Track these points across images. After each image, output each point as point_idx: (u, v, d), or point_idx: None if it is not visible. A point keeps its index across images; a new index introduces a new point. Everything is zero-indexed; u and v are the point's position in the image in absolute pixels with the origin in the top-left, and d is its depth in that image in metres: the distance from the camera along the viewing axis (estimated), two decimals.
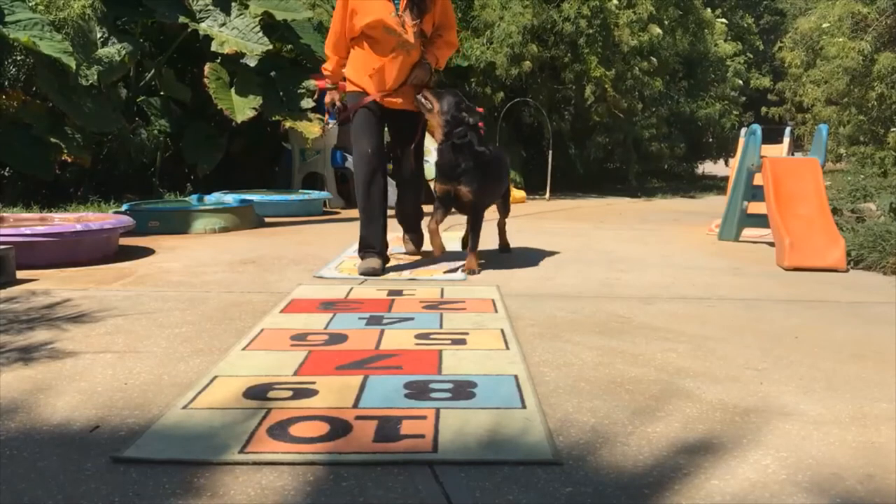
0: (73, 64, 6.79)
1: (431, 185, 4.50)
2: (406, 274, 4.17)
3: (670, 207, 9.93)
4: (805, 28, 14.09)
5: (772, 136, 7.68)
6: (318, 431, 1.87)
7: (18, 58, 7.74)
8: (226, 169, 9.24)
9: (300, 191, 8.51)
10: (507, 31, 10.29)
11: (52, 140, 7.22)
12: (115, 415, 1.99)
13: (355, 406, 2.05)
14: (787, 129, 8.38)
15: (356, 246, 4.34)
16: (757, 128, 6.07)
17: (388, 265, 4.32)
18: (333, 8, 4.41)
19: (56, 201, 7.37)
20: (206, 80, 7.90)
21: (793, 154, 8.40)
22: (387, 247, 4.30)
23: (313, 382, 2.25)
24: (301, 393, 2.16)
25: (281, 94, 8.56)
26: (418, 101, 4.04)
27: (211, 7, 8.19)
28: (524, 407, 2.05)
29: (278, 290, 3.66)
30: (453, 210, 4.27)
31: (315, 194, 8.08)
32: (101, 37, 7.69)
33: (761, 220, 5.60)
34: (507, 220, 5.04)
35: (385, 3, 4.01)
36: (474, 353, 2.58)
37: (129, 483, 1.60)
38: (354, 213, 3.85)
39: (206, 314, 3.18)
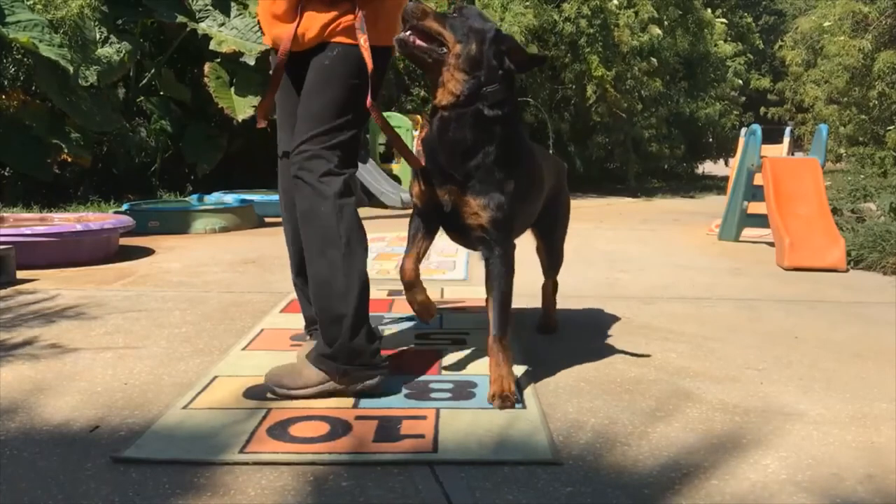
0: (70, 68, 6.81)
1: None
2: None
3: (670, 207, 9.93)
4: (806, 27, 14.10)
5: (772, 136, 7.68)
6: (318, 431, 1.87)
7: (18, 57, 7.75)
8: (226, 169, 9.25)
9: None
10: (509, 33, 10.29)
11: (53, 140, 7.24)
12: (115, 415, 1.99)
13: (355, 406, 2.05)
14: (787, 129, 8.39)
15: None
16: (757, 128, 6.08)
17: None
18: None
19: (56, 201, 7.38)
20: (206, 80, 7.91)
21: (793, 154, 8.41)
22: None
23: None
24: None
25: None
26: (404, 44, 2.08)
27: (210, 7, 8.19)
28: (524, 407, 2.05)
29: (278, 290, 3.66)
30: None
31: None
32: (101, 37, 7.70)
33: (761, 220, 5.60)
34: (556, 274, 2.95)
35: None
36: (474, 353, 2.58)
37: (129, 483, 1.60)
38: None
39: (206, 314, 3.18)
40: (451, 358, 2.52)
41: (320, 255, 2.08)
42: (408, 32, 2.07)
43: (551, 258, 2.86)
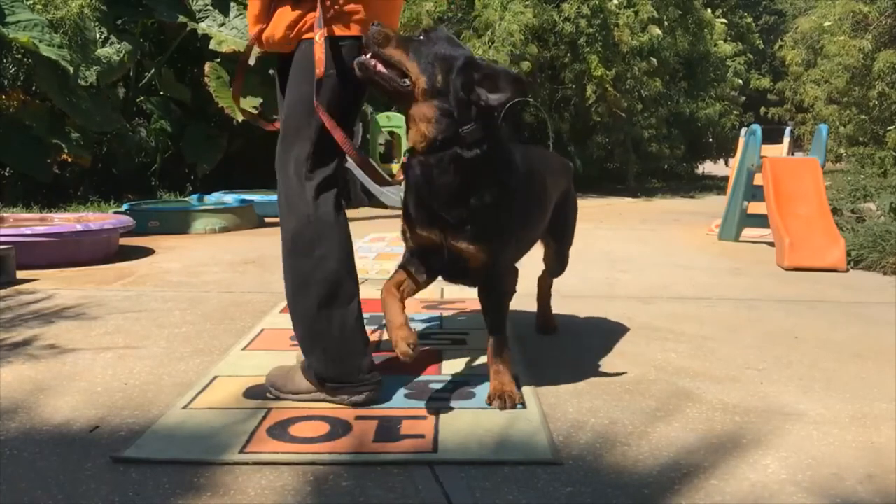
0: (70, 69, 6.82)
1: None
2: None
3: (670, 207, 9.93)
4: (806, 27, 14.12)
5: (772, 136, 7.69)
6: (318, 431, 1.87)
7: (18, 57, 7.75)
8: (226, 169, 9.25)
9: None
10: (508, 30, 10.30)
11: (53, 140, 7.24)
12: (115, 415, 1.99)
13: (355, 406, 2.05)
14: (787, 129, 8.39)
15: (359, 244, 3.76)
16: (757, 128, 6.08)
17: None
18: None
19: (56, 201, 7.38)
20: (206, 79, 7.91)
21: (793, 154, 8.41)
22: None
23: None
24: None
25: None
26: (365, 69, 1.90)
27: (210, 7, 8.19)
28: (524, 407, 2.05)
29: (278, 290, 3.64)
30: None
31: None
32: (101, 37, 7.70)
33: (761, 220, 5.60)
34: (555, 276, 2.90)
35: None
36: (474, 354, 2.58)
37: (129, 483, 1.60)
38: (355, 212, 3.65)
39: (206, 314, 3.18)
40: (451, 358, 2.52)
41: (289, 265, 2.05)
42: (369, 55, 1.90)
43: (558, 263, 2.81)
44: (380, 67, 1.88)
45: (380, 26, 1.90)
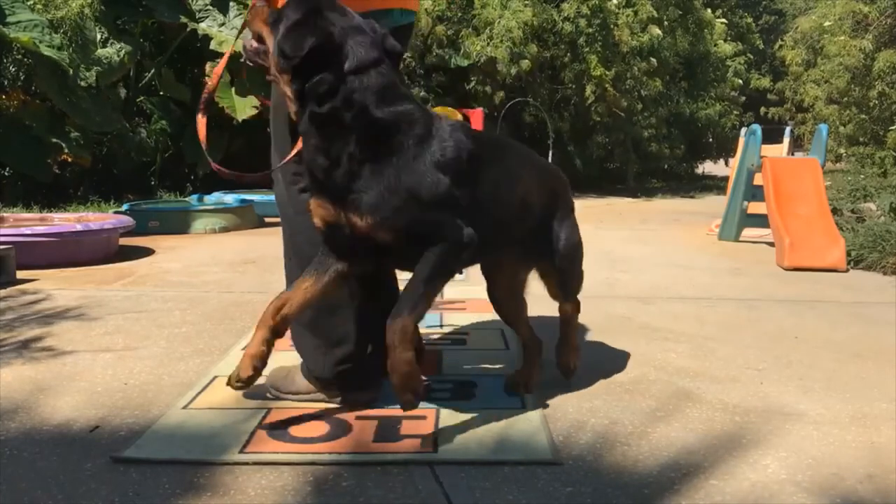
0: (70, 69, 6.82)
1: None
2: (406, 274, 4.16)
3: (670, 207, 9.93)
4: (806, 27, 14.13)
5: (772, 136, 7.69)
6: (318, 431, 1.87)
7: (18, 57, 7.75)
8: (226, 169, 9.25)
9: None
10: (507, 27, 10.32)
11: (52, 140, 7.24)
12: (115, 415, 1.99)
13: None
14: (787, 129, 8.39)
15: None
16: (757, 128, 6.08)
17: None
18: None
19: (56, 201, 7.39)
20: (206, 79, 7.91)
21: (793, 154, 8.41)
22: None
23: None
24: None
25: None
26: (244, 50, 1.80)
27: (210, 7, 8.19)
28: (524, 407, 2.05)
29: (278, 290, 3.64)
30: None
31: None
32: (101, 37, 7.70)
33: (761, 220, 5.60)
34: (573, 305, 2.31)
35: None
36: (474, 353, 2.58)
37: (129, 483, 1.60)
38: None
39: (206, 314, 3.18)
40: (451, 358, 2.52)
41: (287, 270, 2.22)
42: (249, 36, 1.77)
43: (560, 291, 2.26)
44: (254, 44, 1.76)
45: (261, 4, 1.78)
